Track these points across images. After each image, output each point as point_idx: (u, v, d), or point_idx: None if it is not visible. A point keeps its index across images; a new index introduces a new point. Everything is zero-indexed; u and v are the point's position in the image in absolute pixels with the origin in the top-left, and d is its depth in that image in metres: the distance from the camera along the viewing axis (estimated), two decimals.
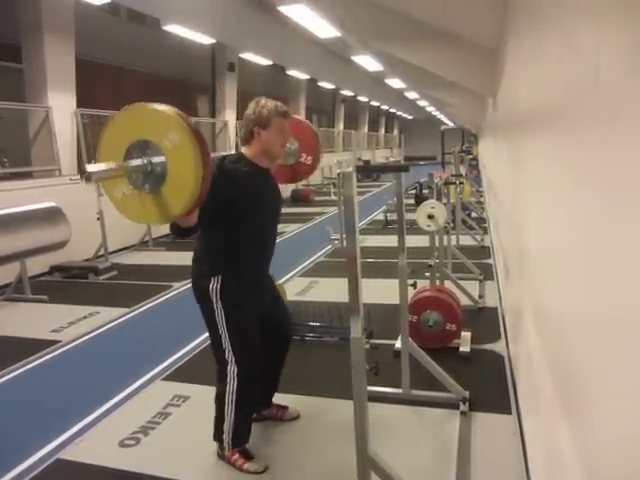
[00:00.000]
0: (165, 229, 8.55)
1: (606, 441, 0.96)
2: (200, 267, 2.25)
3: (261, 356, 2.32)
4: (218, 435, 2.35)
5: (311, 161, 2.72)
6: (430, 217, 3.25)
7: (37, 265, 5.99)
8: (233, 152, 2.32)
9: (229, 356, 2.23)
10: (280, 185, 2.47)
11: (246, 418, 2.36)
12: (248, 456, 2.33)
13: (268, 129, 2.21)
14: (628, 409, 0.81)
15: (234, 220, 2.16)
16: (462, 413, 2.67)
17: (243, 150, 2.27)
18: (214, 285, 2.17)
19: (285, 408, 2.73)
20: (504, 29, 3.40)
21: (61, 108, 7.17)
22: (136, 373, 3.42)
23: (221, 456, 2.38)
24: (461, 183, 5.61)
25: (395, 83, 13.00)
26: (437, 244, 3.88)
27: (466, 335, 3.55)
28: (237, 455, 2.32)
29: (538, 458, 1.95)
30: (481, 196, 11.07)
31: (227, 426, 2.30)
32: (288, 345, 2.61)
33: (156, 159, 1.71)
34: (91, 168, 1.62)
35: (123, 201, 1.80)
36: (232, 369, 2.24)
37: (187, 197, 1.70)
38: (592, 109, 1.00)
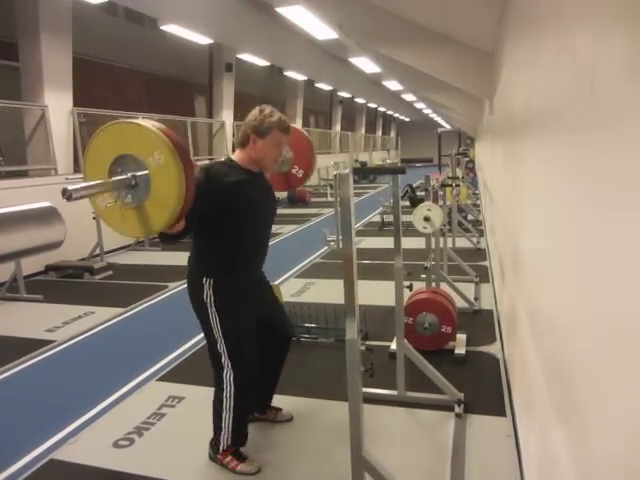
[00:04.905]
0: None
1: (599, 444, 0.96)
2: (193, 273, 2.24)
3: (257, 361, 2.30)
4: (215, 441, 2.33)
5: (302, 175, 2.74)
6: (426, 219, 3.26)
7: (32, 264, 5.96)
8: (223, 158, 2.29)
9: (225, 361, 2.22)
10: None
11: (243, 424, 2.35)
12: (241, 457, 2.33)
13: (265, 139, 2.17)
14: (621, 412, 0.82)
15: (224, 224, 2.14)
16: (457, 415, 2.67)
17: (235, 154, 2.24)
18: (207, 291, 2.16)
19: (278, 410, 2.73)
20: (501, 33, 3.41)
21: (57, 107, 7.15)
22: (131, 373, 3.41)
23: (213, 458, 2.37)
24: (457, 185, 5.62)
25: (392, 85, 13.01)
26: (433, 246, 3.88)
27: (461, 337, 3.56)
28: (230, 457, 2.32)
29: (532, 460, 1.96)
30: (477, 199, 11.11)
31: (225, 433, 2.28)
32: (288, 346, 2.59)
33: (140, 174, 1.73)
34: (72, 187, 1.62)
35: (106, 212, 1.83)
36: (228, 374, 2.22)
37: (169, 214, 1.74)
38: (588, 113, 1.01)
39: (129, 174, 1.74)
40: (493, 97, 4.56)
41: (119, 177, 1.74)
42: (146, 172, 1.72)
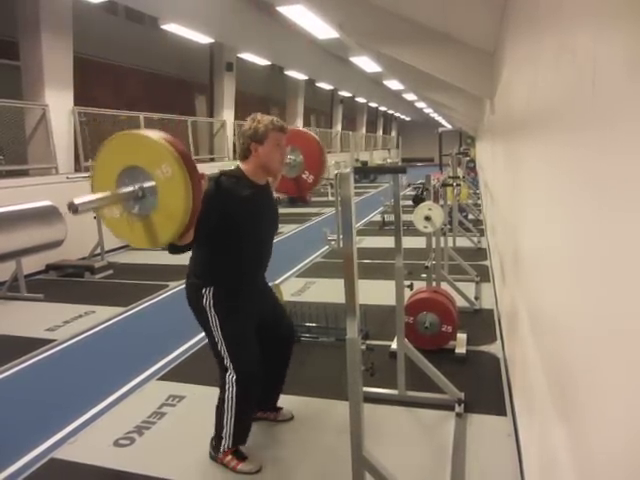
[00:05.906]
0: None
1: (600, 443, 0.96)
2: (192, 282, 2.26)
3: (259, 362, 2.31)
4: (217, 441, 2.34)
5: (312, 180, 2.72)
6: (427, 219, 3.25)
7: (33, 263, 5.97)
8: (232, 167, 2.29)
9: (227, 363, 2.24)
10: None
11: (244, 426, 2.35)
12: (242, 457, 2.33)
13: (264, 144, 2.19)
14: (621, 411, 0.82)
15: (228, 236, 2.16)
16: (457, 414, 2.67)
17: (241, 166, 2.26)
18: (206, 297, 2.18)
19: (279, 409, 2.73)
20: (502, 32, 3.40)
21: (58, 106, 7.15)
22: (131, 373, 3.41)
23: (214, 457, 2.37)
24: (458, 185, 5.62)
25: (393, 84, 13.01)
26: (434, 246, 3.88)
27: (462, 337, 3.56)
28: (230, 456, 2.32)
29: (533, 460, 1.96)
30: (478, 198, 11.11)
31: (226, 432, 2.29)
32: (291, 346, 2.60)
33: (147, 186, 1.74)
34: (78, 200, 1.62)
35: (113, 222, 1.84)
36: (230, 376, 2.24)
37: (176, 226, 1.74)
38: (588, 112, 1.01)
39: (136, 186, 1.74)
40: (494, 96, 4.55)
41: (126, 189, 1.75)
42: (153, 184, 1.73)
